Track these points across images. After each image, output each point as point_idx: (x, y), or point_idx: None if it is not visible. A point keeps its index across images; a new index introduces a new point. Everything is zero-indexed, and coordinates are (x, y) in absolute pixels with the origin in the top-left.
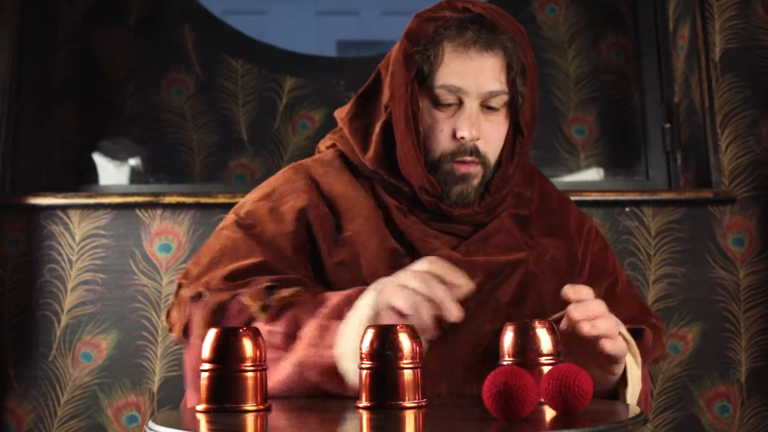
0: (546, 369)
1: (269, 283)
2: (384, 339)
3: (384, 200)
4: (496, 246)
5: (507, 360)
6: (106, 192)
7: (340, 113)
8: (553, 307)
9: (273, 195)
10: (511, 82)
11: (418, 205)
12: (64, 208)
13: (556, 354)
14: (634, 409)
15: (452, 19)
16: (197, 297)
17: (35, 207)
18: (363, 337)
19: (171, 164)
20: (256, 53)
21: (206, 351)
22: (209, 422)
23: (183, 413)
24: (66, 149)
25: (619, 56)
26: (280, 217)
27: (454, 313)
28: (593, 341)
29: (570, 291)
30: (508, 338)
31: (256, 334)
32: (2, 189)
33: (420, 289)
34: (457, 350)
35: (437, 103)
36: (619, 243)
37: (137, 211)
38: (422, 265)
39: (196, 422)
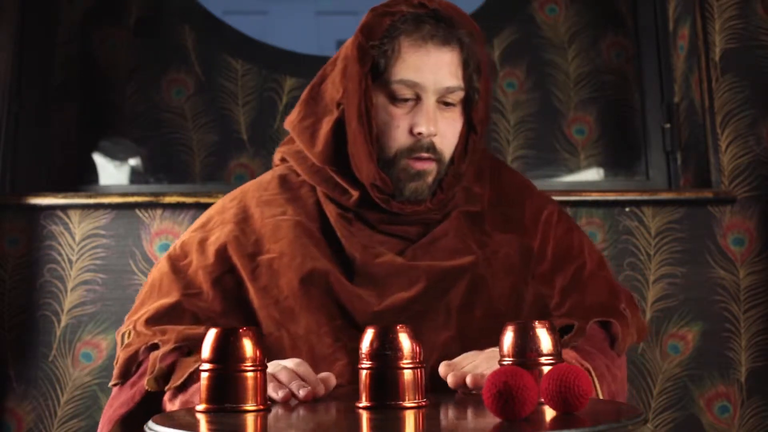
0: (546, 369)
1: (179, 344)
2: (384, 339)
3: (327, 210)
4: (443, 250)
5: (507, 360)
6: (106, 192)
7: (289, 120)
8: (506, 309)
9: (207, 225)
10: (467, 78)
11: (367, 206)
12: (64, 208)
13: (556, 354)
14: (634, 409)
15: (409, 14)
16: (127, 336)
17: (35, 207)
18: (363, 337)
19: (171, 164)
20: (256, 53)
21: (206, 351)
22: (209, 422)
23: (182, 413)
24: (66, 149)
25: (619, 56)
26: (205, 249)
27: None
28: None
29: (443, 370)
30: (508, 338)
31: (256, 335)
32: (2, 189)
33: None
34: None
35: (394, 99)
36: (619, 243)
37: (137, 211)
38: (288, 363)
39: (196, 422)
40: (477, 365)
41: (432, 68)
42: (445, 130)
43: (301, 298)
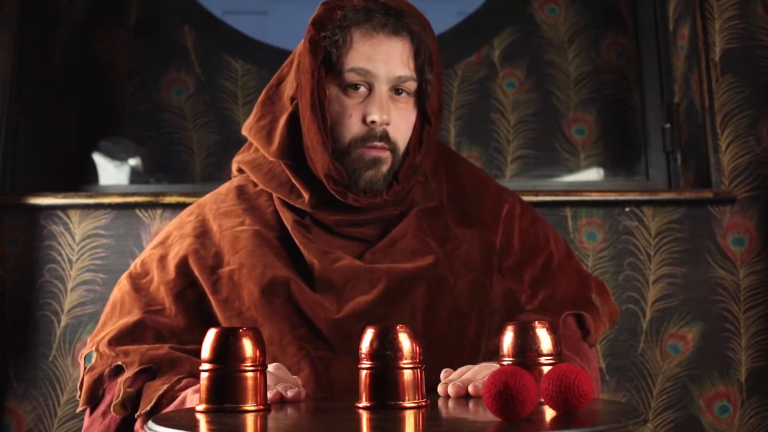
0: (546, 369)
1: (144, 366)
2: (384, 339)
3: (283, 217)
4: (402, 251)
5: (507, 360)
6: (106, 192)
7: (246, 124)
8: (469, 307)
9: (166, 241)
10: (419, 69)
11: (323, 207)
12: (64, 208)
13: (556, 354)
14: (634, 409)
15: (359, 6)
16: (88, 359)
17: (35, 207)
18: (363, 337)
19: (171, 164)
20: (256, 53)
21: (206, 351)
22: (209, 422)
23: (182, 413)
24: (66, 149)
25: (619, 56)
26: (165, 265)
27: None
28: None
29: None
30: (508, 338)
31: (256, 335)
32: (2, 189)
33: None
34: None
35: (346, 88)
36: (619, 243)
37: (137, 211)
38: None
39: (196, 422)
40: (477, 372)
41: (383, 57)
42: (398, 121)
43: (263, 308)
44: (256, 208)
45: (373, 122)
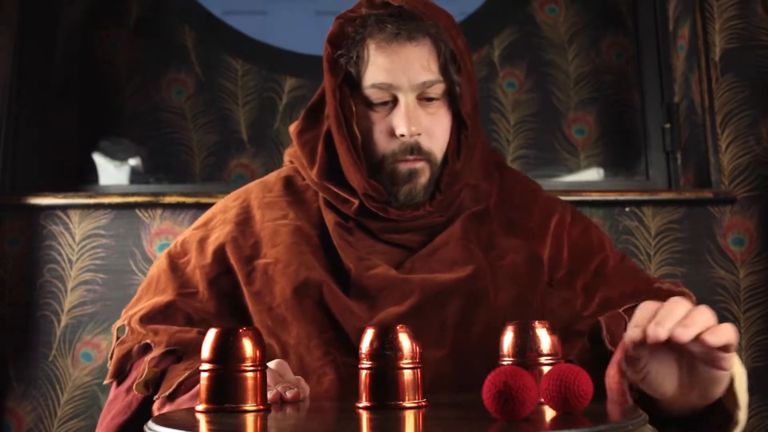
0: (546, 369)
1: (170, 348)
2: (384, 339)
3: (326, 218)
4: (442, 261)
5: (507, 360)
6: (106, 192)
7: (292, 128)
8: (510, 318)
9: (209, 223)
10: (443, 70)
11: (368, 214)
12: (64, 208)
13: (556, 354)
14: (634, 409)
15: (371, 16)
16: (120, 333)
17: (35, 207)
18: (363, 337)
19: (171, 164)
20: (256, 53)
21: (206, 351)
22: (209, 422)
23: (182, 413)
24: (66, 149)
25: (619, 56)
26: (204, 248)
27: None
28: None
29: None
30: (508, 338)
31: (256, 335)
32: (2, 189)
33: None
34: None
35: (371, 105)
36: (619, 243)
37: (137, 211)
38: (270, 364)
39: (196, 422)
40: (707, 321)
41: (402, 66)
42: (430, 128)
43: (293, 308)
44: (302, 202)
45: (401, 135)
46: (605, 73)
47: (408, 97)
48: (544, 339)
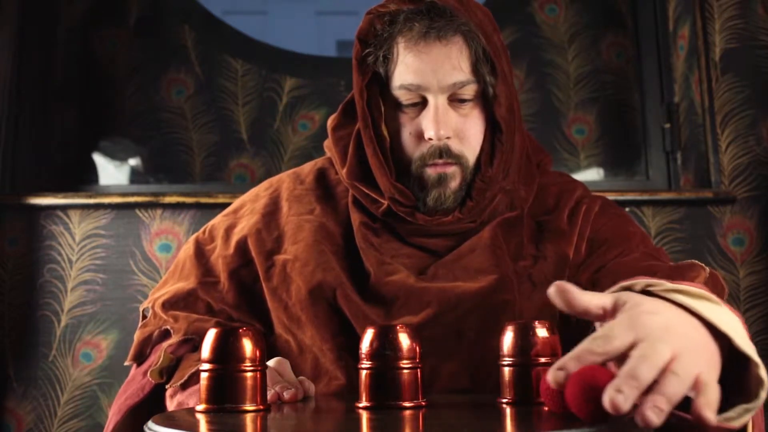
0: (546, 369)
1: (189, 336)
2: (384, 339)
3: (352, 218)
4: (466, 269)
5: (507, 360)
6: (106, 192)
7: (329, 121)
8: None
9: (239, 211)
10: (475, 70)
11: (396, 217)
12: (64, 208)
13: (556, 354)
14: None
15: (400, 13)
16: (143, 317)
17: (35, 207)
18: (363, 337)
19: (171, 164)
20: (256, 53)
21: (206, 351)
22: (209, 422)
23: (182, 413)
24: (66, 149)
25: (619, 56)
26: (229, 237)
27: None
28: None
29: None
30: (508, 338)
31: (256, 334)
32: (2, 189)
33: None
34: None
35: (400, 106)
36: None
37: (137, 211)
38: (270, 363)
39: (196, 422)
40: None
41: (432, 66)
42: (461, 130)
43: (307, 309)
44: (332, 198)
45: (430, 138)
46: (605, 73)
47: (438, 98)
48: (544, 339)
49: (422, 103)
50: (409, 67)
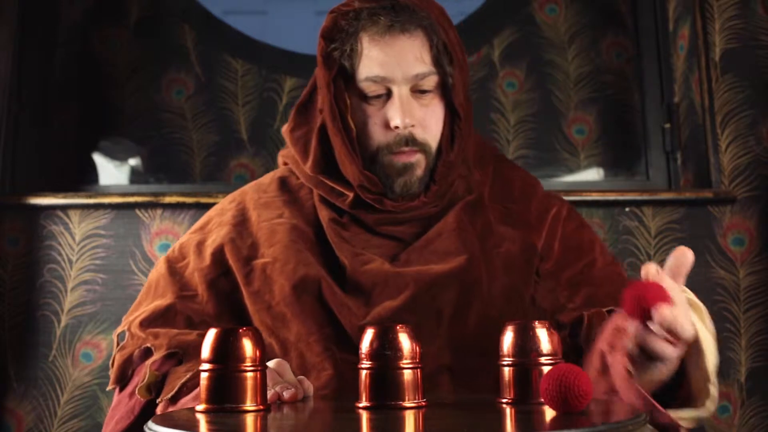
0: (546, 369)
1: (172, 351)
2: (384, 339)
3: (320, 215)
4: (436, 252)
5: (507, 360)
6: (106, 192)
7: (284, 128)
8: (502, 311)
9: (206, 227)
10: (436, 61)
11: (363, 207)
12: (64, 208)
13: (556, 354)
14: (634, 409)
15: (363, 9)
16: (121, 339)
17: (35, 207)
18: (363, 337)
19: (171, 164)
20: (256, 53)
21: (206, 351)
22: (209, 422)
23: (182, 413)
24: (66, 149)
25: (619, 56)
26: (202, 251)
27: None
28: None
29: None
30: (508, 338)
31: (256, 334)
32: (2, 189)
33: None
34: None
35: (366, 98)
36: (619, 243)
37: (137, 211)
38: (269, 363)
39: (196, 422)
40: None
41: (396, 59)
42: (424, 119)
43: (293, 304)
44: (297, 201)
45: (396, 127)
46: (605, 73)
47: (402, 89)
48: (544, 339)
49: (387, 95)
50: (374, 60)
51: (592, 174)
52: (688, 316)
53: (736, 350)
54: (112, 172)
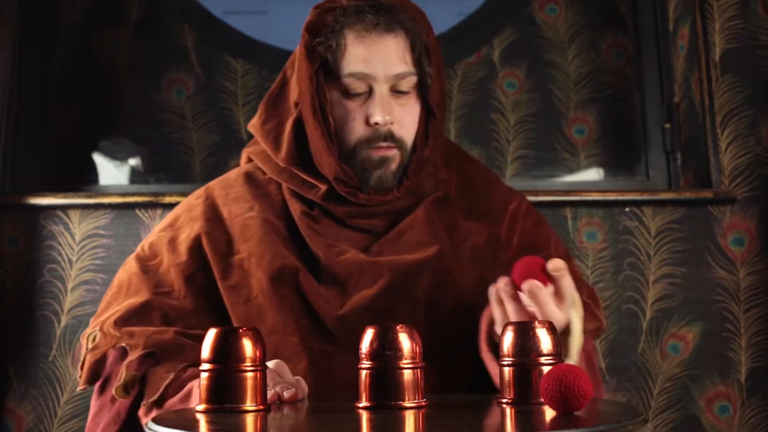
0: (546, 369)
1: (148, 350)
2: (384, 339)
3: (291, 208)
4: (408, 243)
5: (507, 360)
6: (106, 192)
7: (252, 122)
8: (474, 301)
9: (175, 224)
10: (417, 63)
11: (335, 200)
12: (64, 208)
13: (556, 354)
14: (634, 409)
15: (350, 7)
16: (92, 339)
17: (35, 207)
18: (363, 337)
19: (171, 164)
20: (256, 53)
21: (206, 351)
22: (209, 422)
23: (182, 413)
24: (66, 149)
25: (619, 56)
26: (176, 247)
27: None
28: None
29: (553, 265)
30: (508, 338)
31: (256, 334)
32: (2, 189)
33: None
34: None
35: (347, 93)
36: (619, 243)
37: (137, 211)
38: (269, 364)
39: (196, 422)
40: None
41: (380, 57)
42: (402, 117)
43: (270, 296)
44: (266, 195)
45: (376, 123)
46: (605, 73)
47: (382, 87)
48: (544, 339)
49: (368, 93)
50: (358, 57)
51: (592, 174)
52: (571, 299)
53: (736, 350)
54: (112, 172)
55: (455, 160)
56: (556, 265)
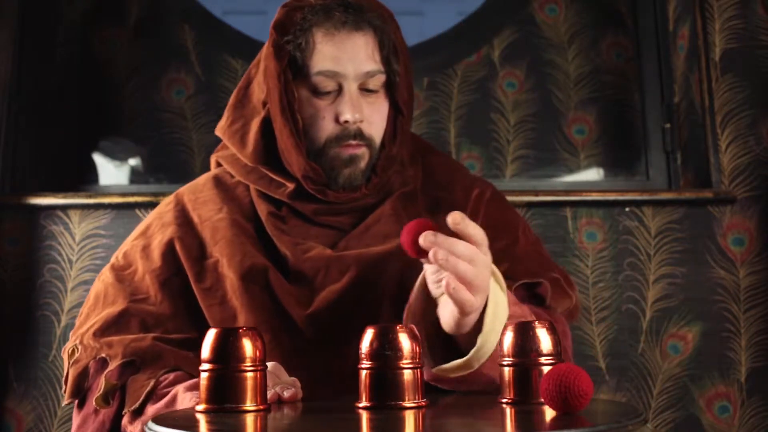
0: (546, 369)
1: (128, 359)
2: (384, 339)
3: (258, 209)
4: (375, 236)
5: (507, 360)
6: (106, 192)
7: (219, 126)
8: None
9: (147, 231)
10: (385, 61)
11: (303, 198)
12: (64, 208)
13: (556, 354)
14: (634, 409)
15: (318, 5)
16: (72, 353)
17: (35, 207)
18: (363, 337)
19: (171, 164)
20: (256, 53)
21: (206, 351)
22: (209, 422)
23: (182, 413)
24: (66, 149)
25: (619, 56)
26: (150, 254)
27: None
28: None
29: (451, 219)
30: (508, 338)
31: (256, 334)
32: (2, 189)
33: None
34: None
35: (316, 92)
36: (619, 243)
37: (137, 211)
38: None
39: (196, 422)
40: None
41: (348, 55)
42: (370, 115)
43: (242, 295)
44: (234, 198)
45: (345, 122)
46: (605, 73)
47: (351, 86)
48: (544, 339)
49: (337, 91)
50: (326, 55)
51: (592, 174)
52: (484, 267)
53: (736, 350)
54: (112, 172)
55: (420, 155)
56: (455, 218)
